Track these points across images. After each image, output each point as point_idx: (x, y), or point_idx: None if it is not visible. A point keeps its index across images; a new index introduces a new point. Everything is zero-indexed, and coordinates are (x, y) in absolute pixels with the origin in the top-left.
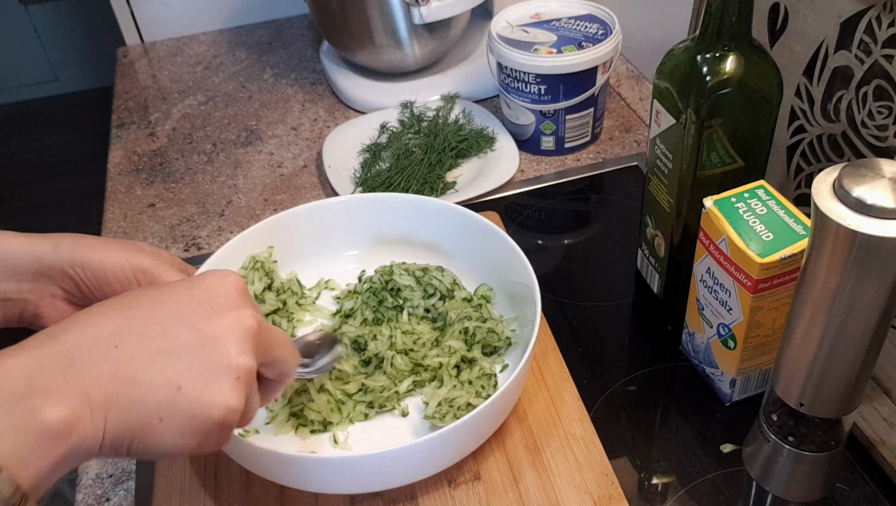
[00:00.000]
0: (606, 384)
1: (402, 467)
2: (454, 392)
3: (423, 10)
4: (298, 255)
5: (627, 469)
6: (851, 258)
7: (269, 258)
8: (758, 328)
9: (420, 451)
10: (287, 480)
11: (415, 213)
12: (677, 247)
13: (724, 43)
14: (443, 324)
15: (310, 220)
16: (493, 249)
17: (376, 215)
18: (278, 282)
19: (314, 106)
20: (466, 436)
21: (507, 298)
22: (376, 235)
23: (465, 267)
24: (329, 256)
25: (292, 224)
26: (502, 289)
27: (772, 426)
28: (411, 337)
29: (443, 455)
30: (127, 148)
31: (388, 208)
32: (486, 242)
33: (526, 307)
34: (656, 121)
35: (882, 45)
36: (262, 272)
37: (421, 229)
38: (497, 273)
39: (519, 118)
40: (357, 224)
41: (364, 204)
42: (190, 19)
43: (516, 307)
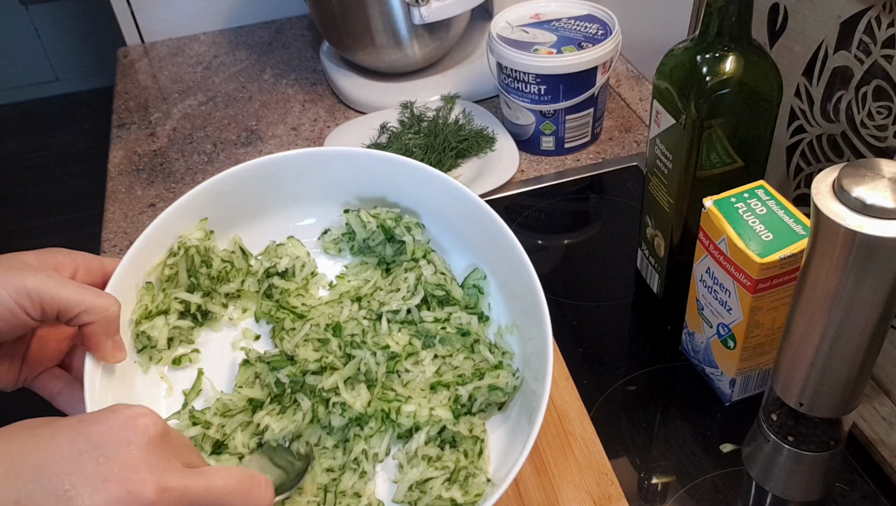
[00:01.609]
0: (606, 384)
1: None
2: (427, 473)
3: (423, 11)
4: (242, 220)
5: (627, 469)
6: (851, 258)
7: (203, 237)
8: (757, 328)
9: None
10: None
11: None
12: (677, 247)
13: (724, 43)
14: (424, 336)
15: (254, 182)
16: (489, 236)
17: (339, 174)
18: (217, 262)
19: (314, 106)
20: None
21: (502, 288)
22: (339, 196)
23: (453, 247)
24: (283, 216)
25: (233, 189)
26: (497, 278)
27: (771, 426)
28: (387, 355)
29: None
30: (127, 148)
31: (355, 167)
32: (479, 226)
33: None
34: (656, 121)
35: (881, 45)
36: (192, 259)
37: (399, 195)
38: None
39: (519, 118)
40: (316, 184)
41: (321, 158)
42: (190, 19)
43: (511, 310)
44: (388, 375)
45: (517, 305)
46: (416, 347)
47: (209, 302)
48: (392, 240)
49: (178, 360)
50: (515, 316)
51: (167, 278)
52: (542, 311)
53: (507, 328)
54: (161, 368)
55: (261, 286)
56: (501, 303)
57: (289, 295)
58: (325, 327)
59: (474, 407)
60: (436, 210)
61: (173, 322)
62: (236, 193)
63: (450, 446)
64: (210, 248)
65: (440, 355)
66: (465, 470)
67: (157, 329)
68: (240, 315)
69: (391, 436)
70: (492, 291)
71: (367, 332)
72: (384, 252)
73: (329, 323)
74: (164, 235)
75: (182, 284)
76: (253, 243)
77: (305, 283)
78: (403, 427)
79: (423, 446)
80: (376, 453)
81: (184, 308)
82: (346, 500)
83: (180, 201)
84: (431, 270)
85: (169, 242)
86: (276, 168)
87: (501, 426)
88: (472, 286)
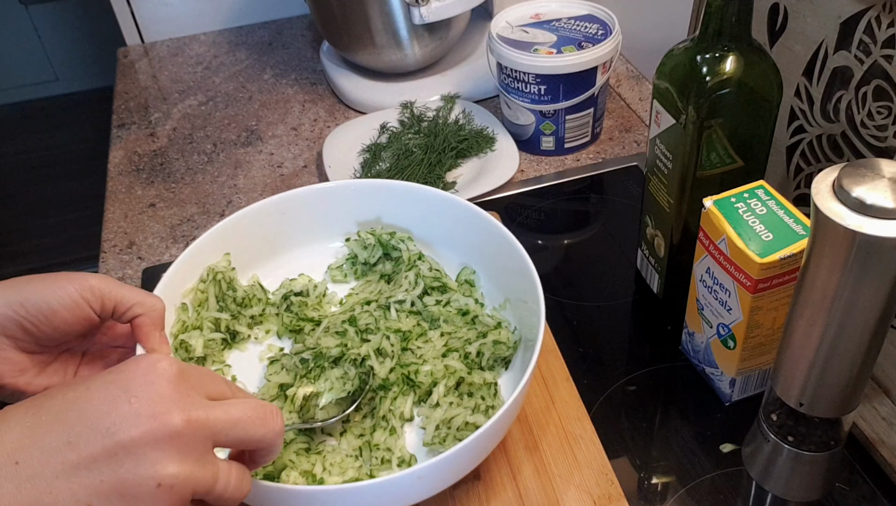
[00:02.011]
0: (606, 384)
1: (427, 484)
2: (451, 411)
3: (423, 11)
4: (259, 257)
5: (627, 469)
6: (851, 258)
7: (227, 267)
8: (757, 328)
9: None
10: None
11: (383, 198)
12: (677, 247)
13: (724, 43)
14: (430, 321)
15: (267, 217)
16: (474, 229)
17: (339, 205)
18: (240, 293)
19: (314, 106)
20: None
21: (492, 278)
22: (342, 225)
23: (445, 252)
24: (293, 253)
25: (249, 225)
26: (485, 270)
27: (771, 426)
28: (400, 336)
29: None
30: (127, 148)
31: (351, 197)
32: (464, 223)
33: (513, 285)
34: (656, 121)
35: (881, 45)
36: (219, 285)
37: (392, 215)
38: (478, 254)
39: (519, 118)
40: (319, 215)
41: (323, 194)
42: (190, 19)
43: (503, 288)
44: (403, 352)
45: (506, 279)
46: (424, 327)
47: (236, 323)
48: (389, 257)
49: None
50: (507, 292)
51: (199, 303)
52: (529, 269)
53: (500, 306)
54: None
55: (280, 308)
56: (492, 288)
57: (306, 308)
58: (342, 322)
59: (483, 362)
60: (424, 220)
61: (207, 336)
62: (252, 231)
63: (467, 396)
64: (234, 278)
65: (446, 333)
66: (484, 404)
67: (194, 339)
68: (264, 336)
69: (413, 398)
70: (482, 282)
71: (378, 320)
72: (384, 269)
73: (345, 319)
74: (194, 263)
75: (212, 308)
76: (268, 283)
77: (319, 301)
78: (423, 386)
79: (443, 397)
80: (402, 412)
81: (215, 326)
82: (380, 453)
83: (206, 235)
84: (427, 267)
85: (198, 270)
86: (286, 205)
87: (509, 383)
88: (465, 281)
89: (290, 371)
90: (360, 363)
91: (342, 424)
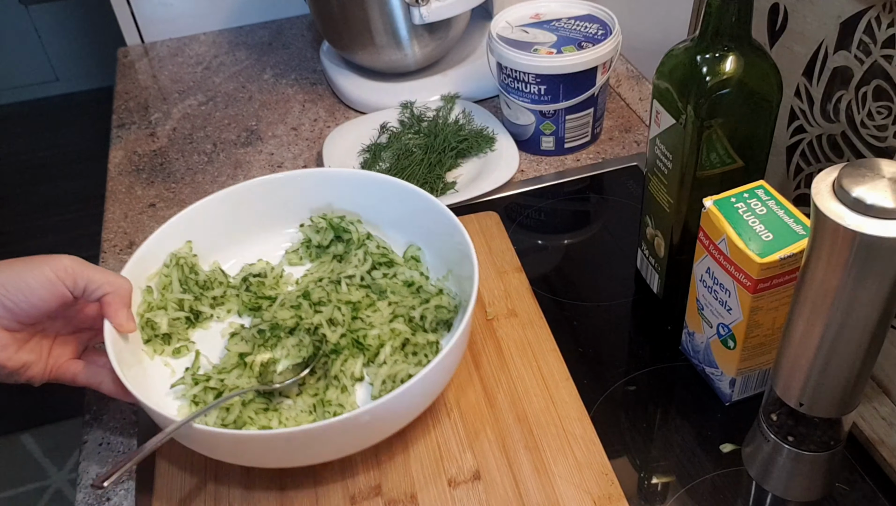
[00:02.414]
0: (606, 384)
1: (378, 424)
2: (396, 367)
3: (423, 11)
4: (220, 244)
5: (627, 469)
6: (851, 258)
7: (189, 253)
8: (757, 328)
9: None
10: (255, 459)
11: (333, 185)
12: (677, 247)
13: (724, 43)
14: (378, 293)
15: (225, 206)
16: (416, 209)
17: (293, 194)
18: (202, 276)
19: (314, 106)
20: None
21: (436, 254)
22: (297, 213)
23: (392, 233)
24: (251, 241)
25: (209, 214)
26: (430, 247)
27: (771, 426)
28: (350, 306)
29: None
30: (127, 148)
31: (304, 185)
32: (408, 204)
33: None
34: (656, 121)
35: (881, 45)
36: (181, 269)
37: (343, 202)
38: (422, 233)
39: (519, 118)
40: (275, 204)
41: (277, 184)
42: (190, 19)
43: (446, 262)
44: (353, 321)
45: (448, 253)
46: (373, 298)
47: (199, 304)
48: (340, 239)
49: (178, 350)
50: (449, 264)
51: (163, 286)
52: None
53: (443, 278)
54: (164, 358)
55: (240, 289)
56: (437, 262)
57: (264, 287)
58: (297, 297)
59: (426, 325)
60: (372, 205)
61: (172, 314)
62: (212, 220)
63: (412, 355)
64: (196, 263)
65: (393, 302)
66: (427, 361)
67: (159, 317)
68: (225, 315)
69: (363, 360)
70: (427, 257)
71: (330, 294)
72: (336, 250)
73: (299, 294)
74: (157, 250)
75: (176, 290)
76: (228, 268)
77: (276, 281)
78: (372, 349)
79: (390, 356)
80: (352, 372)
81: (179, 306)
82: (332, 408)
83: (168, 224)
84: (375, 245)
85: (162, 257)
86: (243, 195)
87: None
88: (411, 257)
89: (248, 342)
90: (313, 332)
91: (298, 386)
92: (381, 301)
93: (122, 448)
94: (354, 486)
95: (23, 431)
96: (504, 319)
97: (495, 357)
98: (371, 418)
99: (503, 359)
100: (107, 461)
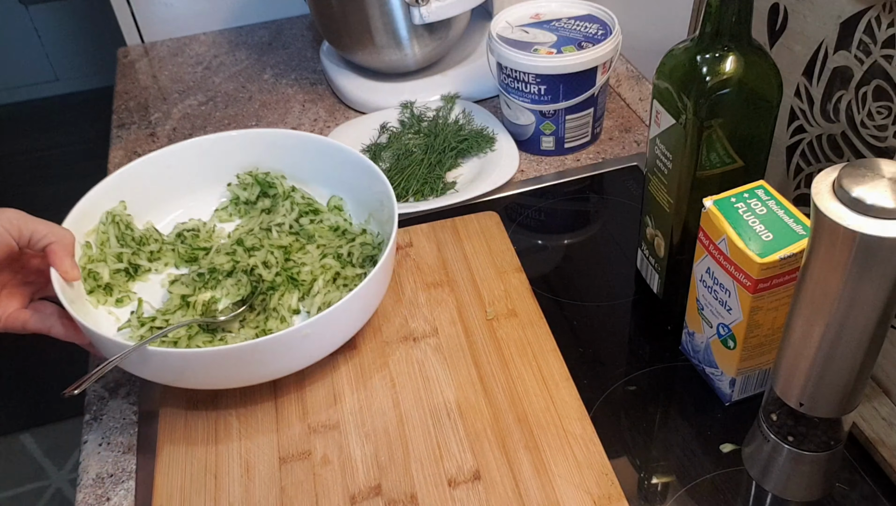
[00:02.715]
0: (606, 384)
1: (315, 341)
2: (329, 296)
3: (423, 11)
4: (152, 205)
5: (627, 469)
6: (851, 258)
7: (123, 211)
8: (757, 328)
9: (328, 320)
10: (211, 378)
11: (258, 145)
12: (677, 247)
13: (724, 43)
14: (307, 238)
15: (156, 168)
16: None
17: (220, 156)
18: (137, 233)
19: (314, 106)
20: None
21: (357, 203)
22: (224, 174)
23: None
24: (182, 201)
25: (141, 176)
26: (351, 197)
27: (771, 426)
28: (281, 250)
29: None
30: (127, 148)
31: (230, 146)
32: (329, 158)
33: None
34: (656, 121)
35: (881, 45)
36: (118, 226)
37: (268, 161)
38: (343, 184)
39: (519, 118)
40: (203, 166)
41: (205, 146)
42: (190, 19)
43: (366, 207)
44: (286, 263)
45: (367, 198)
46: (303, 242)
47: (136, 258)
48: (266, 195)
49: (121, 300)
50: (369, 208)
51: (101, 242)
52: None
53: (365, 221)
54: (108, 307)
55: (175, 243)
56: (358, 209)
57: (198, 239)
58: (231, 244)
59: (354, 261)
60: (295, 163)
61: (112, 266)
62: (143, 182)
63: (343, 287)
64: (131, 221)
65: (321, 245)
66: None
67: (100, 268)
68: (163, 268)
69: (298, 295)
70: (349, 206)
71: (262, 240)
72: (264, 204)
73: (233, 242)
74: (92, 210)
75: (113, 246)
76: (161, 228)
77: (209, 235)
78: (306, 284)
79: (322, 288)
80: (289, 304)
81: (117, 259)
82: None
83: (101, 184)
84: (300, 196)
85: (97, 216)
86: (172, 158)
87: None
88: (334, 207)
89: (188, 285)
90: (249, 273)
91: (239, 322)
92: (310, 244)
93: (122, 448)
94: (354, 486)
95: (23, 431)
96: (504, 320)
97: (495, 357)
98: (309, 332)
99: (503, 359)
100: (107, 461)
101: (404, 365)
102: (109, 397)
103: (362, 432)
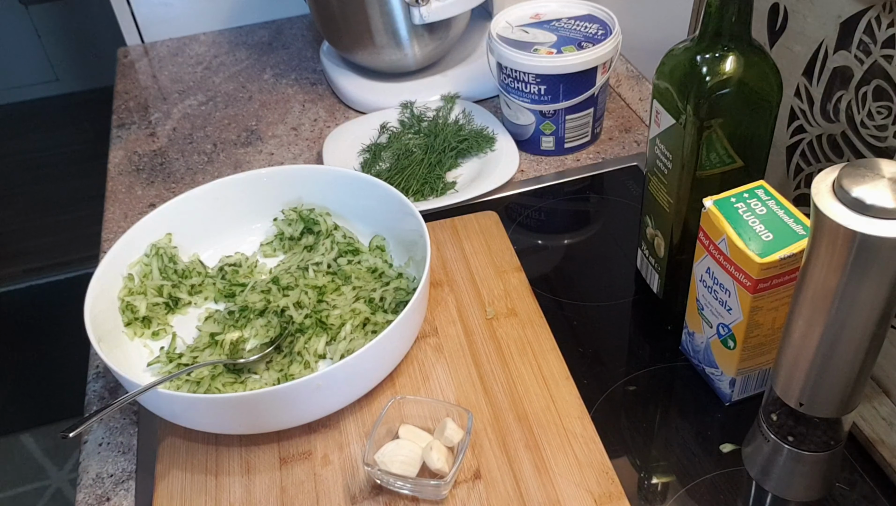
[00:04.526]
0: (606, 384)
1: (327, 394)
2: (354, 343)
3: (423, 11)
4: (199, 237)
5: (627, 469)
6: (851, 258)
7: (168, 244)
8: (757, 328)
9: (342, 373)
10: (217, 424)
11: (304, 182)
12: (677, 247)
13: (724, 43)
14: (344, 278)
15: (204, 203)
16: (380, 202)
17: (268, 190)
18: (182, 265)
19: (314, 106)
20: (383, 354)
21: (399, 244)
22: (272, 208)
23: (359, 225)
24: (228, 234)
25: (188, 209)
26: (394, 237)
27: (771, 426)
28: (316, 291)
29: (364, 375)
30: (127, 148)
31: (277, 182)
32: (371, 196)
33: (416, 248)
34: (656, 121)
35: (881, 45)
36: (161, 258)
37: (312, 197)
38: (387, 224)
39: (519, 118)
40: (250, 201)
41: (252, 180)
42: (190, 19)
43: (408, 250)
44: (319, 304)
45: (406, 238)
46: (339, 283)
47: (177, 291)
48: (310, 231)
49: (157, 333)
50: (410, 252)
51: (144, 274)
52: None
53: (405, 264)
54: (144, 340)
55: (216, 277)
56: (399, 251)
57: (238, 275)
58: (267, 282)
59: (386, 306)
60: (340, 199)
61: (151, 299)
62: (190, 215)
63: (371, 333)
64: (175, 253)
65: (357, 287)
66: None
67: (138, 301)
68: (202, 302)
69: (326, 339)
70: (391, 247)
71: (298, 279)
72: (307, 241)
73: (269, 280)
74: (138, 242)
75: (156, 278)
76: (206, 259)
77: (251, 270)
78: (335, 328)
79: (350, 334)
80: (315, 349)
81: (158, 293)
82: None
83: (147, 217)
84: (342, 235)
85: (143, 248)
86: (219, 192)
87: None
88: (376, 247)
89: (219, 323)
90: (281, 314)
91: (265, 363)
92: (345, 286)
93: (122, 448)
94: (355, 486)
95: (23, 431)
96: (504, 319)
97: (495, 357)
98: (324, 382)
99: (503, 358)
100: (107, 461)
101: (404, 364)
102: (109, 397)
103: (363, 432)
